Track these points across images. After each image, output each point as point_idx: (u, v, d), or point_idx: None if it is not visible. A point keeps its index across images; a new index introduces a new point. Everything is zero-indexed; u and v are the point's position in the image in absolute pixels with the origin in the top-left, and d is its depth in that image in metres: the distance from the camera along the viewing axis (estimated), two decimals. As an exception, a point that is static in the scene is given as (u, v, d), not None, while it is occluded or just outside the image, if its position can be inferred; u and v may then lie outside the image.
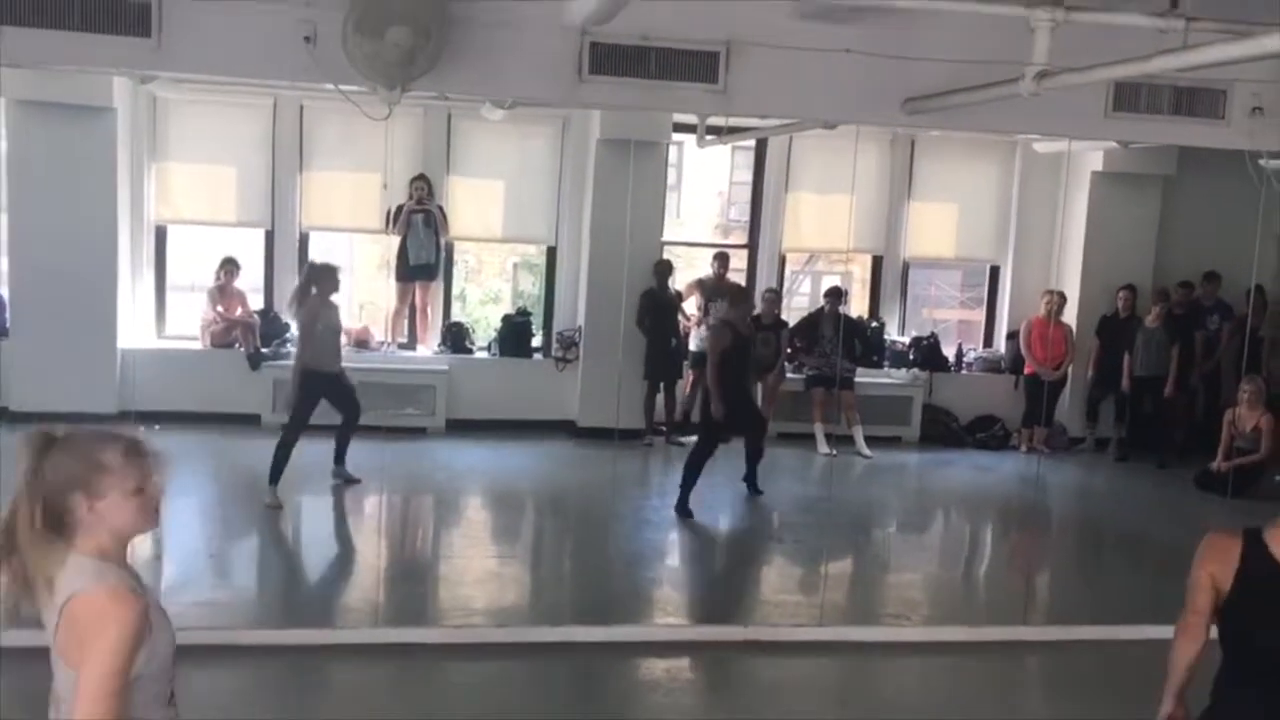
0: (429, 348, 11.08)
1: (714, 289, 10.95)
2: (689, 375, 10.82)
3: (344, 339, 8.93)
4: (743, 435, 8.90)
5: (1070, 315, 11.29)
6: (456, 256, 11.65)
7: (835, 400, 10.63)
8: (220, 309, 10.56)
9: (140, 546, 4.18)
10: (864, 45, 6.38)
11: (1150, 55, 4.81)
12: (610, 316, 10.06)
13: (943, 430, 11.46)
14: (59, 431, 2.37)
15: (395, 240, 10.65)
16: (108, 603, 2.27)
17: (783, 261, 11.79)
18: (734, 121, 9.42)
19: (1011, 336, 11.72)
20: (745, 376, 8.87)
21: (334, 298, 8.34)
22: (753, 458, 8.93)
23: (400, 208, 10.52)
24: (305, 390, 8.11)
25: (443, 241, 10.85)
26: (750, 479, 8.96)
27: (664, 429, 10.70)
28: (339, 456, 8.53)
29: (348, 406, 8.37)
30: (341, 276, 8.53)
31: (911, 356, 11.71)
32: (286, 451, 8.00)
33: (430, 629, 6.20)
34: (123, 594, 2.30)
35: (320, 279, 8.26)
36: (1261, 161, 7.55)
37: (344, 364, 8.45)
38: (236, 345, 10.48)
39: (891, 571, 8.13)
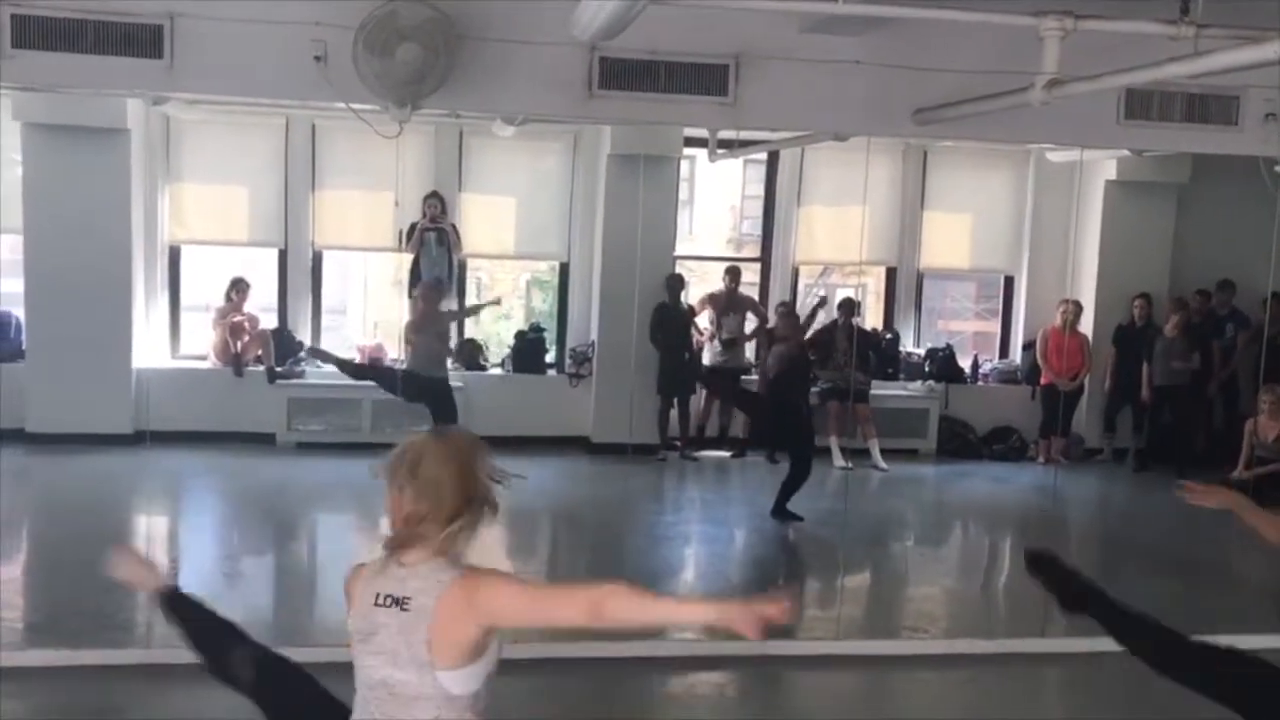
0: (442, 365, 11.08)
1: (726, 303, 10.95)
2: (702, 390, 10.79)
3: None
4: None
5: (1086, 325, 11.22)
6: (469, 273, 11.65)
7: (850, 413, 10.59)
8: (235, 318, 10.57)
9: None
10: (873, 57, 6.38)
11: (1161, 62, 4.79)
12: (623, 332, 10.05)
13: (959, 442, 11.40)
14: None
15: (408, 258, 10.68)
16: None
17: (796, 274, 11.77)
18: (745, 135, 9.43)
19: (1027, 347, 11.65)
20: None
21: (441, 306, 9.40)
22: (789, 481, 8.73)
23: (414, 225, 10.54)
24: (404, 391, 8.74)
25: (455, 259, 10.86)
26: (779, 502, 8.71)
27: (678, 444, 10.68)
28: None
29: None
30: (357, 294, 8.66)
31: (927, 368, 11.66)
32: None
33: (445, 646, 6.17)
34: None
35: (423, 292, 9.27)
36: (1277, 168, 7.49)
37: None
38: (253, 363, 10.49)
39: (909, 584, 8.08)
